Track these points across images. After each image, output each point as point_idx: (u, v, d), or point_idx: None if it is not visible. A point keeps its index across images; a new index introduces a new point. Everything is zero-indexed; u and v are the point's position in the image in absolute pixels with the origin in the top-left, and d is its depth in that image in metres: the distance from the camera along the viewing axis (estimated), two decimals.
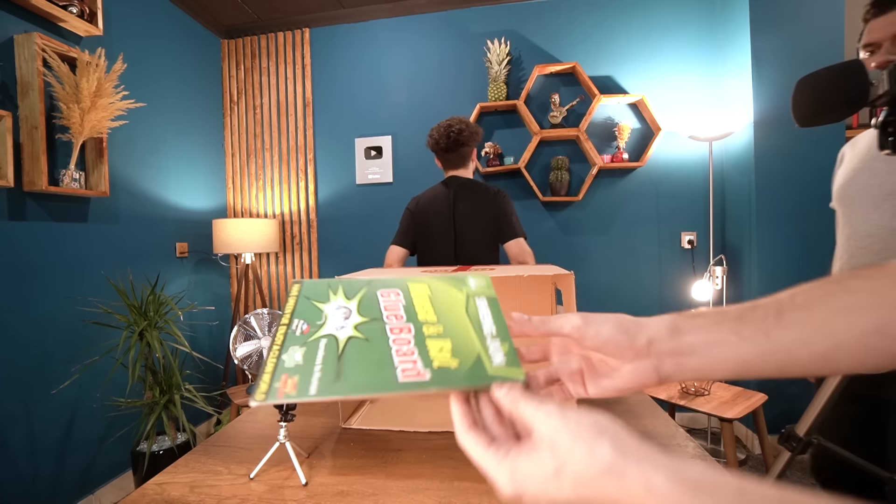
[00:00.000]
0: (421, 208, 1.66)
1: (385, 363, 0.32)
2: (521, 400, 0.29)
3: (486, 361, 0.33)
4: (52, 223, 1.75)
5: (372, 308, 0.37)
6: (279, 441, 0.71)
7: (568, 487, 0.25)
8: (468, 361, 0.32)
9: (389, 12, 2.66)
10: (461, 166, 1.68)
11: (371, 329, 0.35)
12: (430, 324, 0.35)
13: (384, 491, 0.65)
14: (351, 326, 0.35)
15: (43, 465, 1.68)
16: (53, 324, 1.74)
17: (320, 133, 2.77)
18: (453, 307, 0.37)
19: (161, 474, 0.71)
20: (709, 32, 2.39)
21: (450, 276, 0.40)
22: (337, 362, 0.32)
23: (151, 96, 2.23)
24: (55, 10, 1.68)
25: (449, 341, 0.34)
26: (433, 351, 0.33)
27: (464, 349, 0.33)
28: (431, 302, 0.37)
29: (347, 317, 0.36)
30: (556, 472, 0.25)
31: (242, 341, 1.96)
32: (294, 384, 0.30)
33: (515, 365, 0.33)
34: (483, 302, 0.38)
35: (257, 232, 2.43)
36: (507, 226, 1.59)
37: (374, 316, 0.36)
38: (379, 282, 0.39)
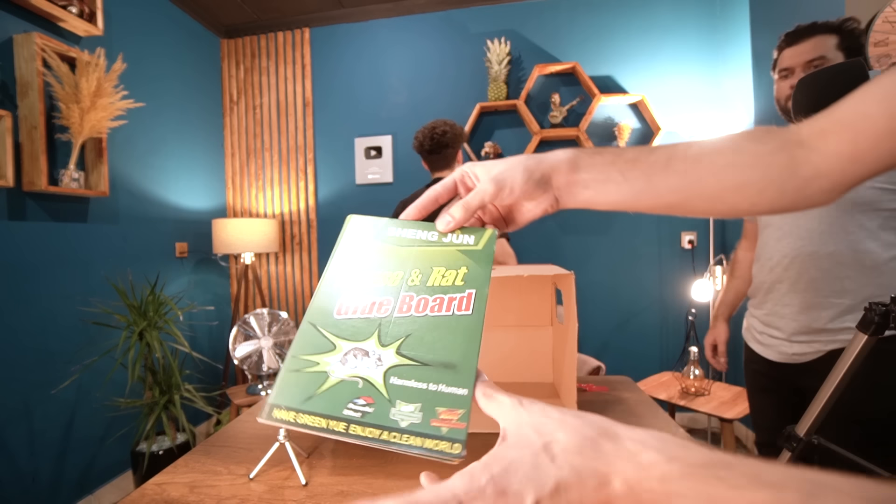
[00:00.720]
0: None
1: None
2: (488, 400, 0.28)
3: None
4: (52, 223, 1.75)
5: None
6: (279, 441, 0.71)
7: (561, 460, 0.23)
8: None
9: (389, 12, 2.65)
10: (446, 168, 1.70)
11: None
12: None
13: (384, 491, 0.65)
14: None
15: (43, 465, 1.68)
16: (53, 324, 1.74)
17: (320, 133, 2.77)
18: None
19: (161, 474, 0.71)
20: (709, 32, 2.39)
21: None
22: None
23: (151, 96, 2.23)
24: (55, 10, 1.68)
25: None
26: None
27: None
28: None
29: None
30: (545, 448, 0.24)
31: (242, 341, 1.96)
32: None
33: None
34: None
35: (257, 232, 2.43)
36: None
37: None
38: None
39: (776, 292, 1.17)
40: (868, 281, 1.01)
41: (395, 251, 0.37)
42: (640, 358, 2.51)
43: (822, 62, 1.03)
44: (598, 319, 2.54)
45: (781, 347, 1.16)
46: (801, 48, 1.07)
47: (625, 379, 1.16)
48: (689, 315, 2.39)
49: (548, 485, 0.23)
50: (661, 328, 2.50)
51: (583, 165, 0.38)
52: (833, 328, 1.06)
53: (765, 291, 1.21)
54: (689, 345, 1.94)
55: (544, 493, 0.23)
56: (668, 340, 2.49)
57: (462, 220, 0.37)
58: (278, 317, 2.07)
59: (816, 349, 1.09)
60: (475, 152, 2.54)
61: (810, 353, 1.10)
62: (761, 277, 1.22)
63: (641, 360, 2.50)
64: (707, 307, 2.35)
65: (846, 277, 1.03)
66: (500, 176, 0.37)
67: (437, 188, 0.40)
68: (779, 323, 1.16)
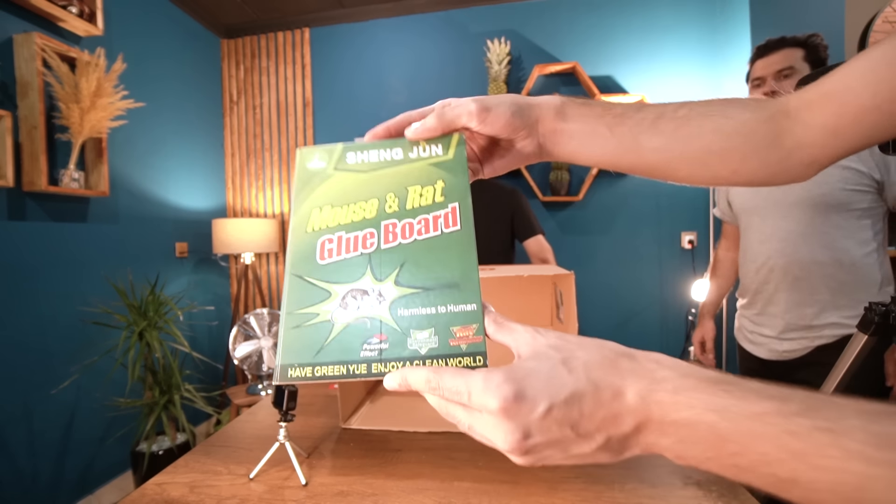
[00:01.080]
0: None
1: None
2: (500, 329, 0.29)
3: None
4: (52, 223, 1.75)
5: None
6: (279, 441, 0.71)
7: (580, 375, 0.24)
8: None
9: (389, 12, 2.65)
10: None
11: None
12: None
13: (384, 491, 0.65)
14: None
15: (43, 465, 1.68)
16: (53, 324, 1.74)
17: (320, 133, 2.77)
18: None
19: (161, 474, 0.71)
20: (709, 32, 2.39)
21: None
22: None
23: (151, 96, 2.23)
24: (55, 10, 1.67)
25: None
26: None
27: None
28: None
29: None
30: (564, 363, 0.25)
31: (242, 341, 1.96)
32: None
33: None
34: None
35: (257, 232, 2.43)
36: (525, 223, 1.61)
37: None
38: None
39: (763, 293, 1.24)
40: (846, 277, 1.09)
41: (362, 179, 0.34)
42: None
43: (790, 72, 1.12)
44: (598, 319, 2.54)
45: (771, 345, 1.22)
46: (771, 59, 1.16)
47: None
48: (689, 315, 2.39)
49: (562, 393, 0.23)
50: (661, 328, 2.50)
51: (570, 115, 0.37)
52: (818, 324, 1.13)
53: (753, 293, 1.27)
54: (689, 345, 1.94)
55: (558, 401, 0.23)
56: (668, 340, 2.49)
57: (434, 127, 0.34)
58: (278, 317, 2.06)
59: (804, 345, 1.15)
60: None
61: (799, 350, 1.16)
62: (748, 279, 1.29)
63: None
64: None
65: (826, 275, 1.11)
66: (487, 100, 0.35)
67: (412, 112, 0.37)
68: (768, 322, 1.23)
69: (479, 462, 0.73)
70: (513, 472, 0.69)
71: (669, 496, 0.62)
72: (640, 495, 0.62)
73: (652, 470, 0.69)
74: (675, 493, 0.63)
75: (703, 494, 0.62)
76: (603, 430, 0.24)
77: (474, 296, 0.29)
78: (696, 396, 0.22)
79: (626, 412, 0.23)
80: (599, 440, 0.24)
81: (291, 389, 0.71)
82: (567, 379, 0.24)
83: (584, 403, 0.23)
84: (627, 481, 0.66)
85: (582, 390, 0.24)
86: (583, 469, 0.70)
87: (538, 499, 0.62)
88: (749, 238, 1.28)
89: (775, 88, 1.12)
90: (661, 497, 0.62)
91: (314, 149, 0.35)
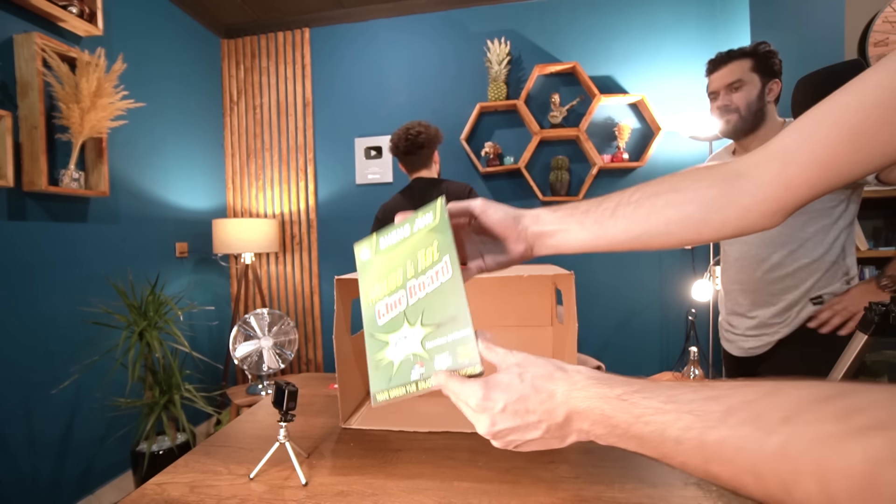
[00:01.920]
0: (388, 213, 1.67)
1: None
2: (488, 350, 0.40)
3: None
4: (52, 223, 1.75)
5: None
6: (279, 441, 0.71)
7: (527, 383, 0.35)
8: None
9: (389, 12, 2.65)
10: (423, 168, 1.69)
11: None
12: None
13: (384, 491, 0.65)
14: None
15: (43, 465, 1.68)
16: (53, 324, 1.74)
17: (320, 133, 2.77)
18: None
19: (161, 474, 0.71)
20: (709, 32, 2.39)
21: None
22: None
23: (151, 96, 2.23)
24: (55, 10, 1.68)
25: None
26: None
27: None
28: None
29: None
30: (519, 376, 0.36)
31: (242, 341, 1.96)
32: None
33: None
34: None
35: (257, 232, 2.43)
36: None
37: None
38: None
39: (732, 293, 1.32)
40: (807, 276, 1.15)
41: (391, 257, 0.46)
42: (640, 358, 2.51)
43: (740, 84, 1.18)
44: (598, 319, 2.54)
45: (740, 342, 1.31)
46: (721, 73, 1.22)
47: None
48: (689, 315, 2.39)
49: (514, 395, 0.35)
50: (661, 328, 2.50)
51: (544, 219, 0.48)
52: (778, 322, 1.20)
53: (725, 292, 1.37)
54: (689, 345, 1.94)
55: (511, 400, 0.35)
56: (668, 340, 2.50)
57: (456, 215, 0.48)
58: (278, 317, 2.06)
59: (766, 341, 1.24)
60: (475, 152, 2.54)
61: (762, 346, 1.25)
62: (722, 280, 1.39)
63: (641, 359, 2.50)
64: (707, 307, 2.35)
65: (788, 276, 1.17)
66: (489, 202, 0.48)
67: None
68: (736, 321, 1.32)
69: (479, 462, 0.73)
70: (513, 472, 0.69)
71: (669, 496, 0.62)
72: (640, 495, 0.62)
73: (652, 470, 0.69)
74: (675, 493, 0.63)
75: (703, 494, 0.62)
76: (544, 420, 0.34)
77: (467, 323, 0.39)
78: (591, 391, 0.33)
79: (557, 406, 0.34)
80: (543, 427, 0.35)
81: (291, 389, 0.71)
82: (519, 386, 0.35)
83: (528, 401, 0.35)
84: (627, 481, 0.66)
85: (527, 393, 0.35)
86: (583, 469, 0.70)
87: (538, 499, 0.62)
88: (723, 241, 1.34)
89: (727, 102, 1.20)
90: (661, 497, 0.62)
91: (361, 243, 0.49)
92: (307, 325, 2.80)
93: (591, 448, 0.77)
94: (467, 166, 2.58)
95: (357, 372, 1.00)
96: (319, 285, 2.79)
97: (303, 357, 2.83)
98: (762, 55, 1.17)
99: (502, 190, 2.57)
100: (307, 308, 2.80)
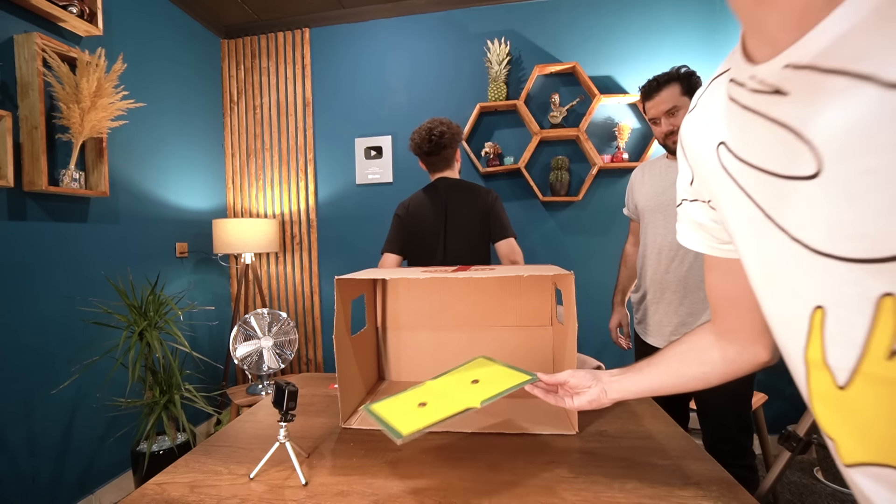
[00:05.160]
0: (412, 212, 1.65)
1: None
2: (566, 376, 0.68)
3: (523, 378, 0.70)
4: (52, 223, 1.75)
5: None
6: (279, 441, 0.71)
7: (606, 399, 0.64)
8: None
9: (389, 12, 2.65)
10: (446, 168, 1.67)
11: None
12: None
13: (384, 491, 0.65)
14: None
15: (43, 465, 1.68)
16: (53, 324, 1.74)
17: (320, 133, 2.77)
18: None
19: (161, 474, 0.71)
20: (709, 32, 2.39)
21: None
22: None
23: (151, 96, 2.23)
24: (55, 10, 1.68)
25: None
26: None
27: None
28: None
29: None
30: (618, 387, 0.65)
31: (242, 341, 1.96)
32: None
33: (531, 374, 0.71)
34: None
35: (257, 232, 2.43)
36: (498, 225, 1.60)
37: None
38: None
39: (651, 292, 1.44)
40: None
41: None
42: None
43: (675, 110, 1.29)
44: (599, 319, 2.54)
45: (669, 338, 1.41)
46: (655, 101, 1.32)
47: None
48: None
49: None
50: None
51: (614, 376, 0.67)
52: (694, 322, 1.31)
53: (644, 289, 1.48)
54: None
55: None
56: None
57: (545, 381, 0.70)
58: (278, 317, 2.07)
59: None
60: (475, 152, 2.54)
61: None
62: (644, 274, 1.48)
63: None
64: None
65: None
66: (576, 372, 0.69)
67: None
68: (661, 318, 1.42)
69: (479, 462, 0.73)
70: (513, 472, 0.69)
71: (669, 496, 0.62)
72: (640, 495, 0.62)
73: (652, 470, 0.69)
74: (675, 493, 0.63)
75: (703, 494, 0.62)
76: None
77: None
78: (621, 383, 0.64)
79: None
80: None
81: (291, 389, 0.71)
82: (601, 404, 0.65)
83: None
84: (627, 481, 0.66)
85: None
86: (583, 469, 0.70)
87: (538, 499, 0.62)
88: (650, 234, 1.44)
89: (670, 127, 1.29)
90: (661, 497, 0.62)
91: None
92: (307, 325, 2.80)
93: (591, 448, 0.77)
94: (467, 166, 2.58)
95: (357, 372, 1.00)
96: (319, 285, 2.79)
97: (303, 357, 2.83)
98: (685, 77, 1.29)
99: (502, 190, 2.57)
100: (307, 308, 2.80)
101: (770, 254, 0.32)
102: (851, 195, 0.24)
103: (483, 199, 1.62)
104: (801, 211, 0.28)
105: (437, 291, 1.15)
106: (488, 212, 1.60)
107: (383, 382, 1.16)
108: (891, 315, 0.23)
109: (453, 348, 1.14)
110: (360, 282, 1.02)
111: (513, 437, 0.81)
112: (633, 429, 0.85)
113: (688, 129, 0.43)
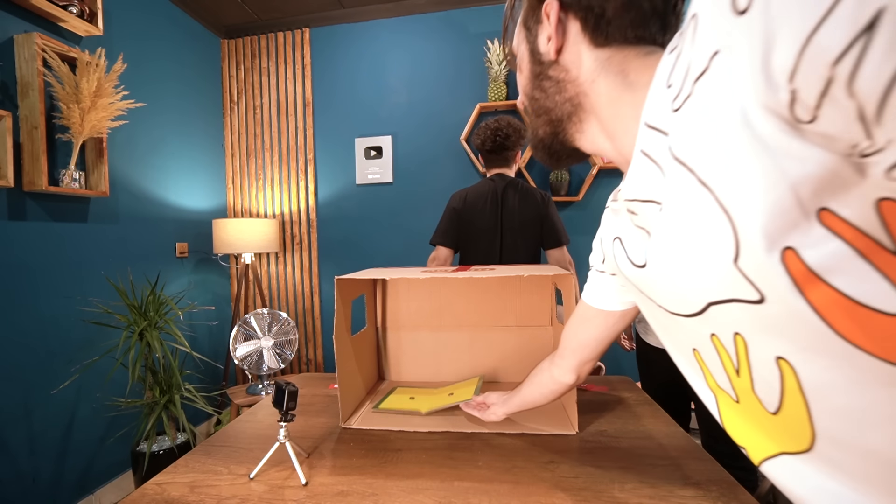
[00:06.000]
0: (469, 205, 1.65)
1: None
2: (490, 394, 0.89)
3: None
4: (52, 223, 1.75)
5: None
6: (279, 441, 0.71)
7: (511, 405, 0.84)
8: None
9: (389, 12, 2.65)
10: (504, 165, 1.70)
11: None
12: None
13: (384, 491, 0.65)
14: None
15: (43, 465, 1.68)
16: (53, 324, 1.74)
17: (320, 133, 2.77)
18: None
19: (161, 474, 0.71)
20: None
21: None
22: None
23: (151, 96, 2.23)
24: (55, 10, 1.68)
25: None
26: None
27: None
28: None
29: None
30: (504, 401, 0.84)
31: (242, 341, 1.96)
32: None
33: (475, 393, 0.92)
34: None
35: (257, 232, 2.43)
36: (552, 232, 1.63)
37: None
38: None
39: None
40: None
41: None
42: None
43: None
44: None
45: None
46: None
47: (625, 379, 1.16)
48: None
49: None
50: None
51: (504, 397, 0.86)
52: None
53: None
54: None
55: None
56: None
57: (476, 400, 0.91)
58: (278, 317, 2.06)
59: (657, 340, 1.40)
60: (475, 152, 2.54)
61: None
62: None
63: None
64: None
65: None
66: (494, 393, 0.90)
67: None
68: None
69: (479, 462, 0.73)
70: (513, 472, 0.69)
71: (669, 496, 0.62)
72: (640, 495, 0.62)
73: (652, 470, 0.69)
74: (675, 493, 0.63)
75: (703, 494, 0.62)
76: None
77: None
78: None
79: None
80: None
81: (291, 389, 0.71)
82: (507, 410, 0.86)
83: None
84: (627, 481, 0.66)
85: None
86: (583, 469, 0.70)
87: (538, 499, 0.62)
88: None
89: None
90: (661, 497, 0.62)
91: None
92: (307, 325, 2.81)
93: (591, 448, 0.77)
94: (467, 166, 2.58)
95: (357, 372, 1.00)
96: (319, 285, 2.79)
97: (303, 357, 2.83)
98: None
99: None
100: (307, 308, 2.80)
101: (654, 317, 0.42)
102: (664, 277, 0.35)
103: (540, 203, 1.64)
104: (652, 287, 0.38)
105: (437, 291, 1.15)
106: (544, 216, 1.63)
107: (383, 382, 1.16)
108: (721, 346, 0.33)
109: (453, 348, 1.14)
110: (360, 282, 1.02)
111: (513, 436, 0.81)
112: (633, 429, 0.85)
113: (604, 222, 0.57)
